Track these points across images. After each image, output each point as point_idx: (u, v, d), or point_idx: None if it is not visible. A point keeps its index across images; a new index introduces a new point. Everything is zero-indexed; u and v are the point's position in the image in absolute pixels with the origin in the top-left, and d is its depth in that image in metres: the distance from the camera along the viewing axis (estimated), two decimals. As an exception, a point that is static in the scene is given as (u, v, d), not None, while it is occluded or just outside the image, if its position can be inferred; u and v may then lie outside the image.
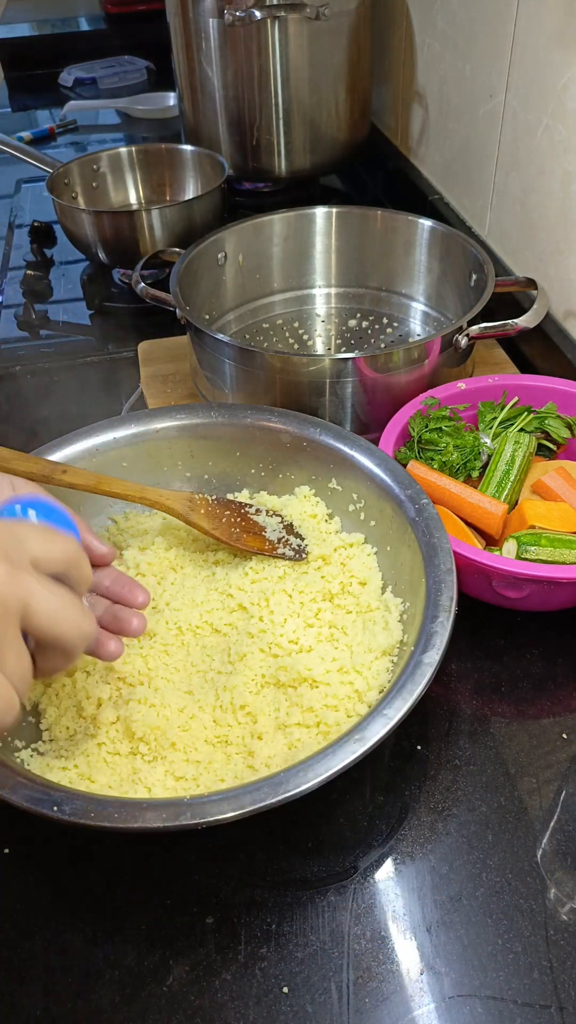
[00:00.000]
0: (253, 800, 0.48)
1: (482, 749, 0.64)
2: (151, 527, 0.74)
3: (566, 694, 0.67)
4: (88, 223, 1.14)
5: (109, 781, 0.57)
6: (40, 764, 0.58)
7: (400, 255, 1.04)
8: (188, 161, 1.30)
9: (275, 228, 1.04)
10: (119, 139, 1.77)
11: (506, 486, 0.75)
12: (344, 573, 0.69)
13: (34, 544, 0.44)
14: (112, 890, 0.57)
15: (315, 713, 0.59)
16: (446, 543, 0.62)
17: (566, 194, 0.91)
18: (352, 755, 0.50)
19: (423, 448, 0.78)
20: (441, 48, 1.18)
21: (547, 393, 0.82)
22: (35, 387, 1.04)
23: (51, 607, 0.43)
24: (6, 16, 1.89)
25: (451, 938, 0.53)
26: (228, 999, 0.51)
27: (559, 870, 0.56)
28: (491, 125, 1.05)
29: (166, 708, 0.60)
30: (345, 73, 1.25)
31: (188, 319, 0.86)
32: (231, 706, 0.60)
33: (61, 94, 1.95)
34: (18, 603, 0.41)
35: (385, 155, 1.43)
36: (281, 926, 0.54)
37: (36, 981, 0.52)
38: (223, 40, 1.19)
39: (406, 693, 0.53)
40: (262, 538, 0.70)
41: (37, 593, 0.42)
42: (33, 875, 0.58)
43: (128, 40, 2.09)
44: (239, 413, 0.76)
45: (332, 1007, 0.51)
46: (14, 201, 1.49)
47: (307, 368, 0.81)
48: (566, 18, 0.86)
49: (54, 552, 0.45)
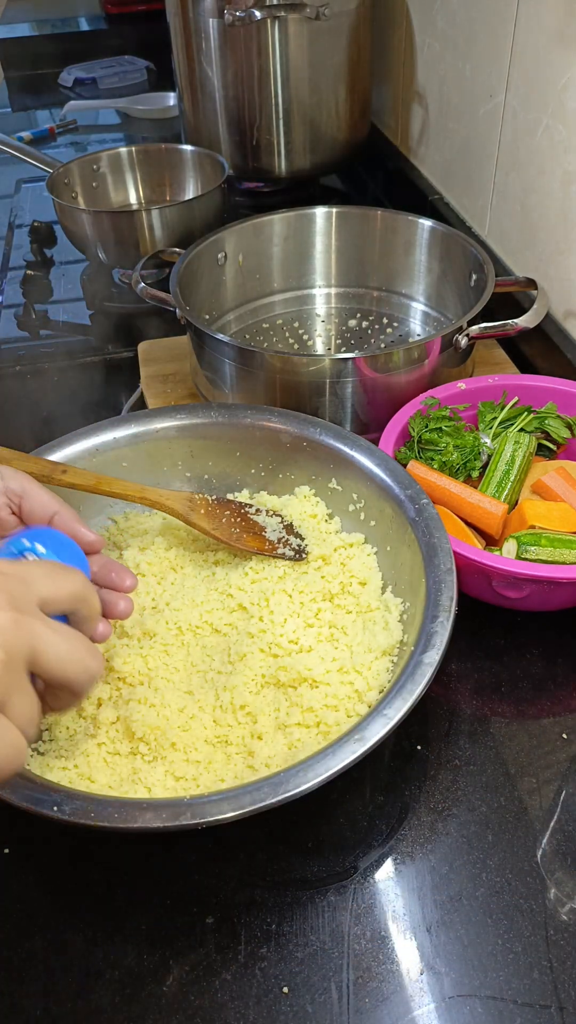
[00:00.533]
0: (253, 800, 0.48)
1: (482, 749, 0.64)
2: (151, 527, 0.74)
3: (566, 694, 0.67)
4: (88, 223, 1.14)
5: (109, 781, 0.57)
6: (40, 764, 0.58)
7: (400, 255, 1.04)
8: (188, 161, 1.30)
9: (275, 228, 1.04)
10: (119, 139, 1.77)
11: (506, 486, 0.75)
12: (344, 573, 0.69)
13: (42, 585, 0.44)
14: (112, 890, 0.57)
15: (315, 713, 0.59)
16: (446, 543, 0.62)
17: (566, 194, 0.91)
18: (352, 755, 0.50)
19: (423, 448, 0.78)
20: (441, 48, 1.18)
21: (547, 393, 0.82)
22: (35, 387, 1.04)
23: (58, 651, 0.43)
24: (6, 16, 1.89)
25: (451, 938, 0.53)
26: (228, 999, 0.51)
27: (559, 870, 0.56)
28: (491, 125, 1.06)
29: (166, 708, 0.60)
30: (345, 73, 1.25)
31: (188, 319, 0.86)
32: (231, 706, 0.60)
33: (61, 94, 1.95)
34: (26, 650, 0.42)
35: (385, 155, 1.43)
36: (281, 926, 0.54)
37: (36, 981, 0.52)
38: (223, 40, 1.19)
39: (406, 693, 0.53)
40: (262, 538, 0.70)
41: (44, 638, 0.43)
42: (33, 875, 0.58)
43: (128, 40, 2.09)
44: (239, 413, 0.76)
45: (332, 1007, 0.51)
46: (14, 201, 1.49)
47: (307, 368, 0.81)
48: (566, 18, 0.86)
49: (62, 592, 0.45)
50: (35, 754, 0.59)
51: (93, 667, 0.45)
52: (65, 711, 0.51)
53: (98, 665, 0.46)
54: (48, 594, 0.44)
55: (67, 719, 0.61)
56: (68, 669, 0.44)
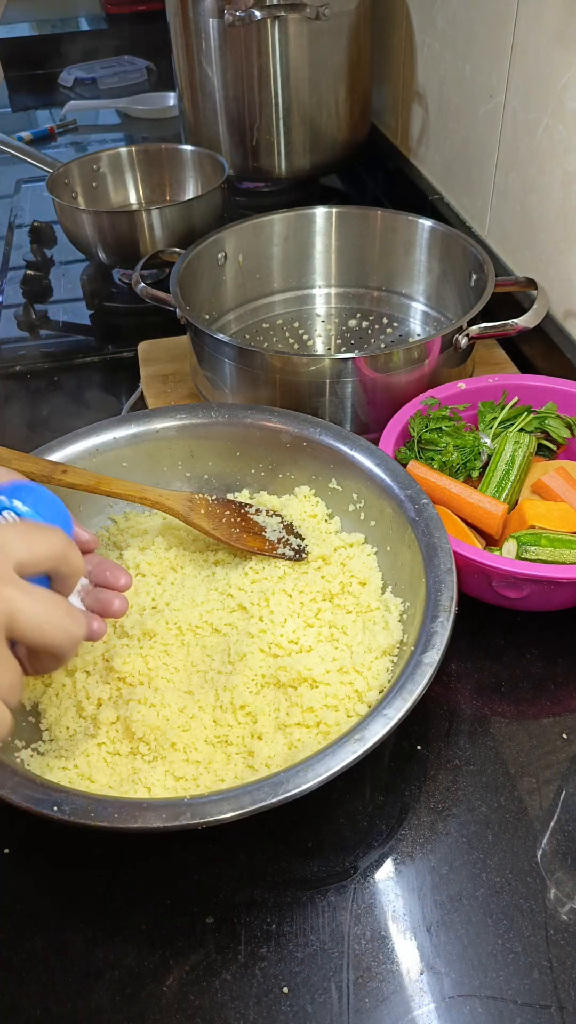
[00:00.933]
0: (253, 800, 0.49)
1: (482, 749, 0.64)
2: (151, 527, 0.74)
3: (566, 694, 0.67)
4: (88, 223, 1.14)
5: (109, 781, 0.57)
6: (40, 764, 0.58)
7: (400, 255, 1.04)
8: (188, 161, 1.30)
9: (275, 228, 1.04)
10: (119, 139, 1.78)
11: (506, 486, 0.75)
12: (344, 573, 0.69)
13: (18, 547, 0.43)
14: (112, 890, 0.57)
15: (315, 713, 0.59)
16: (446, 543, 0.62)
17: (566, 194, 0.91)
18: (352, 755, 0.50)
19: (423, 448, 0.78)
20: (441, 48, 1.18)
21: (547, 393, 0.82)
22: (35, 387, 1.04)
23: (36, 616, 0.42)
24: (6, 16, 1.89)
25: (451, 938, 0.53)
26: (228, 999, 0.51)
27: (559, 870, 0.56)
28: (491, 125, 1.06)
29: (166, 708, 0.60)
30: (345, 73, 1.25)
31: (188, 319, 0.86)
32: (231, 706, 0.60)
33: (61, 94, 1.95)
34: (2, 619, 0.41)
35: (385, 155, 1.43)
36: (281, 926, 0.54)
37: (36, 981, 0.52)
38: (223, 40, 1.19)
39: (406, 693, 0.53)
40: (262, 538, 0.70)
41: (21, 604, 0.42)
42: (33, 875, 0.58)
43: (128, 40, 2.09)
44: (239, 413, 0.76)
45: (332, 1007, 0.51)
46: (14, 201, 1.49)
47: (307, 368, 0.81)
48: (566, 18, 0.86)
49: (39, 552, 0.44)
50: (35, 754, 0.59)
51: (74, 630, 0.44)
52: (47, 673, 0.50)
53: (79, 628, 0.45)
54: (24, 556, 0.43)
55: (67, 719, 0.61)
56: (48, 634, 0.43)
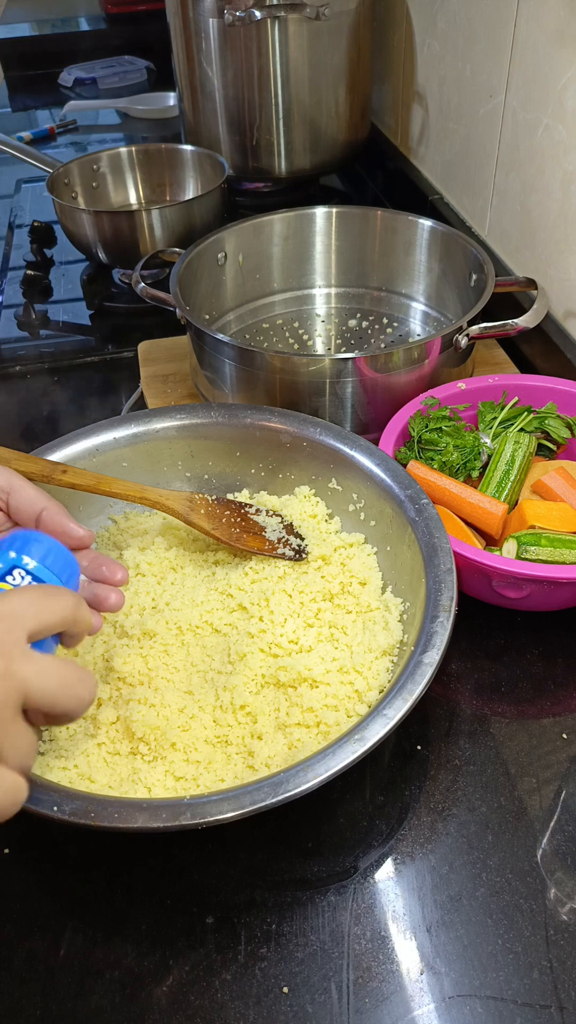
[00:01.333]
0: (253, 800, 0.48)
1: (482, 749, 0.64)
2: (151, 527, 0.74)
3: (566, 694, 0.67)
4: (88, 223, 1.14)
5: (109, 781, 0.57)
6: (40, 764, 0.58)
7: (400, 255, 1.04)
8: (188, 161, 1.30)
9: (275, 228, 1.04)
10: (119, 139, 1.78)
11: (506, 486, 0.75)
12: (344, 573, 0.69)
13: (29, 616, 0.44)
14: (112, 890, 0.57)
15: (315, 713, 0.59)
16: (446, 543, 0.62)
17: (566, 194, 0.91)
18: (352, 755, 0.50)
19: (423, 448, 0.78)
20: (441, 48, 1.18)
21: (547, 393, 0.82)
22: (35, 387, 1.04)
23: (50, 690, 0.43)
24: (6, 16, 1.89)
25: (451, 938, 0.53)
26: (228, 999, 0.51)
27: (559, 870, 0.56)
28: (491, 125, 1.05)
29: (166, 708, 0.60)
30: (345, 73, 1.25)
31: (188, 319, 0.86)
32: (231, 706, 0.60)
33: (61, 94, 1.95)
34: (15, 696, 0.42)
35: (385, 155, 1.43)
36: (281, 926, 0.54)
37: (36, 981, 0.52)
38: (223, 40, 1.19)
39: (406, 693, 0.53)
40: (262, 538, 0.70)
41: (34, 681, 0.43)
42: (33, 875, 0.58)
43: (128, 40, 2.09)
44: (239, 413, 0.76)
45: (332, 1007, 0.51)
46: (14, 201, 1.49)
47: (307, 368, 0.81)
48: (566, 18, 0.86)
49: (50, 620, 0.45)
50: (35, 754, 0.59)
51: (85, 695, 0.46)
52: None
53: (90, 692, 0.46)
54: (35, 626, 0.44)
55: (67, 719, 0.61)
56: (60, 703, 0.44)
